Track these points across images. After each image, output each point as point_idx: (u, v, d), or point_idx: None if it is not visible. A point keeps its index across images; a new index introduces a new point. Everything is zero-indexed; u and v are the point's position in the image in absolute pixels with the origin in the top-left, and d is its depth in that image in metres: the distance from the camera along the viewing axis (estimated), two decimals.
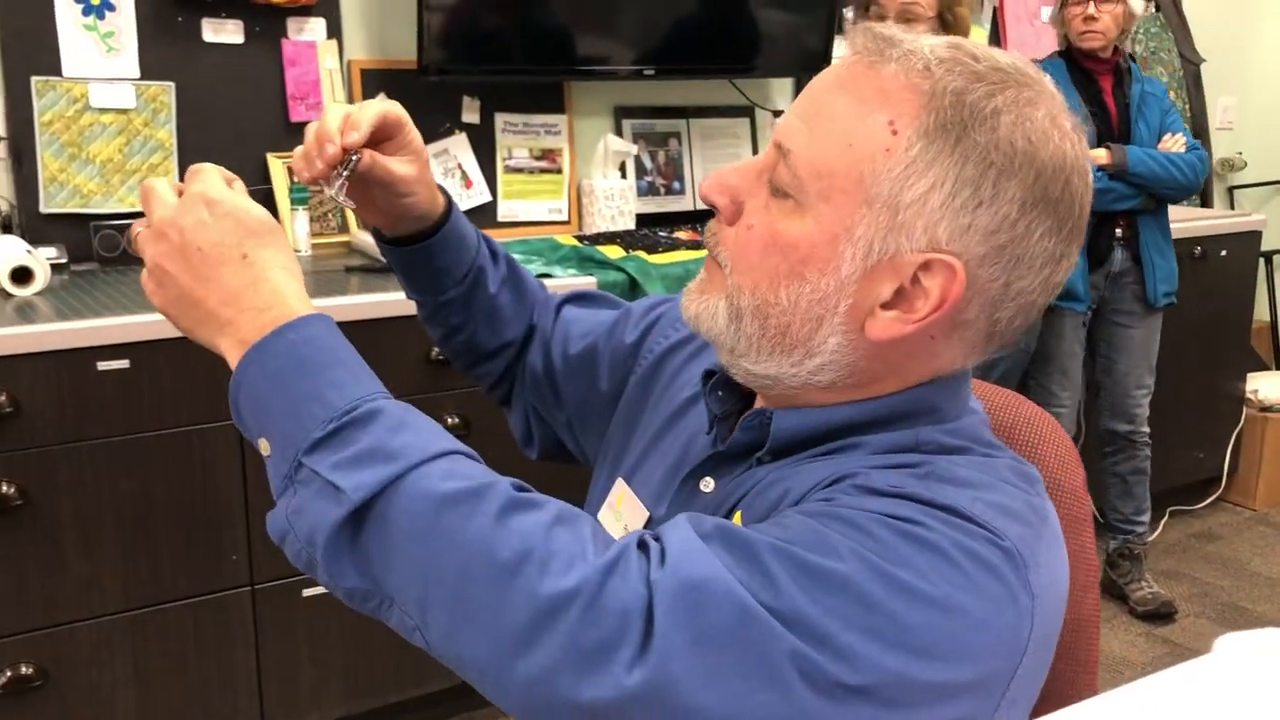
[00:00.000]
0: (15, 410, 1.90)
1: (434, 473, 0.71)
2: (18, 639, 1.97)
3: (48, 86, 2.42)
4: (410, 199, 1.00)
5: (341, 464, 0.71)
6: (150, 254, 0.80)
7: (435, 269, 1.07)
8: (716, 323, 0.83)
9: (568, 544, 0.68)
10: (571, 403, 1.13)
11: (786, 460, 0.84)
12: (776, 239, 0.79)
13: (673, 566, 0.67)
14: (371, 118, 0.94)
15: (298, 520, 0.73)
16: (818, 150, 0.78)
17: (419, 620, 0.70)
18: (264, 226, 0.79)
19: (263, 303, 0.77)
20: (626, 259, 2.53)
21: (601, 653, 0.65)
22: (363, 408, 0.73)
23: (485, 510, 0.69)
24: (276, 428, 0.74)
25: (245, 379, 0.76)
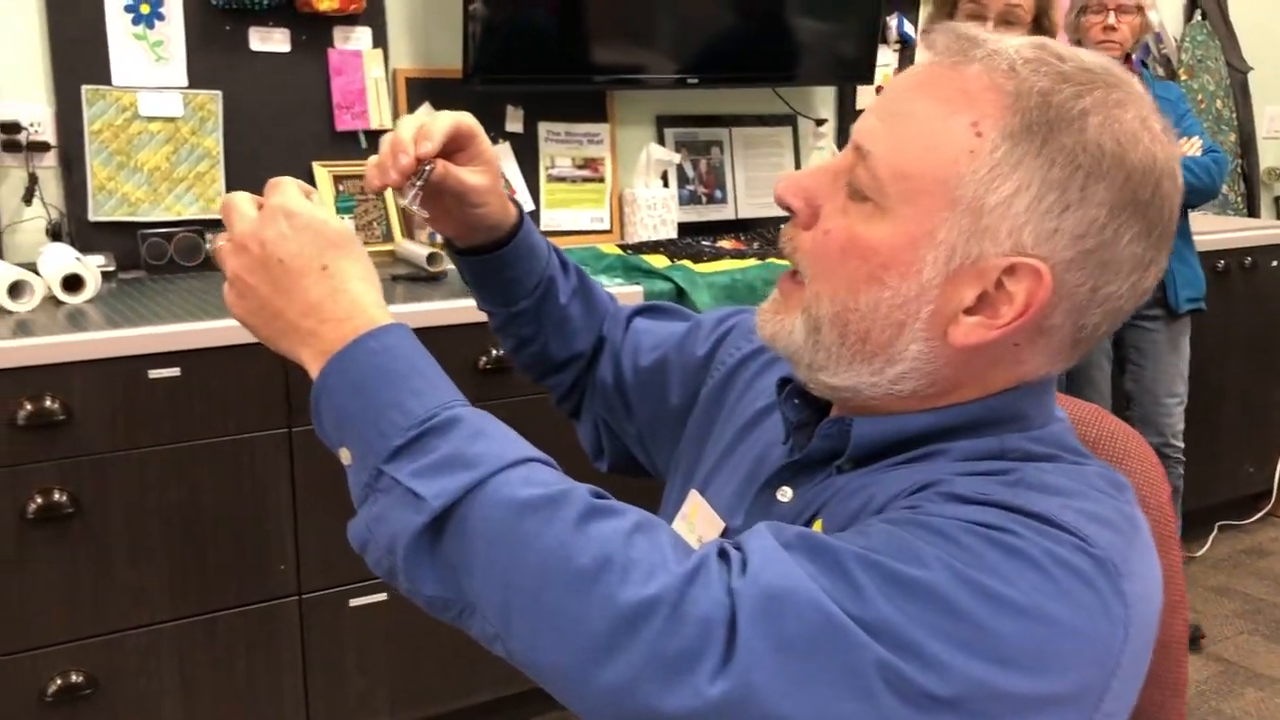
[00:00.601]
0: (68, 418, 1.90)
1: (513, 479, 0.71)
2: (68, 646, 1.97)
3: (98, 95, 2.43)
4: (482, 209, 1.00)
5: (421, 471, 0.71)
6: (231, 266, 0.81)
7: (507, 279, 1.07)
8: (794, 339, 0.82)
9: (647, 552, 0.67)
10: (642, 415, 1.12)
11: (867, 468, 0.83)
12: (855, 243, 0.78)
13: (754, 575, 0.66)
14: (445, 128, 0.94)
15: (378, 528, 0.73)
16: (899, 152, 0.76)
17: (500, 628, 0.70)
18: (342, 237, 0.80)
19: (343, 313, 0.77)
20: (672, 268, 2.52)
21: (684, 662, 0.64)
22: (442, 415, 0.73)
23: (564, 517, 0.68)
24: (357, 436, 0.74)
25: (326, 389, 0.76)
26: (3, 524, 1.89)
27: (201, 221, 2.54)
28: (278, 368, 2.06)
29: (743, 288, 2.48)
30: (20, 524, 1.90)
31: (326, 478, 2.14)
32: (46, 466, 1.91)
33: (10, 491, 1.89)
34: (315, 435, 2.20)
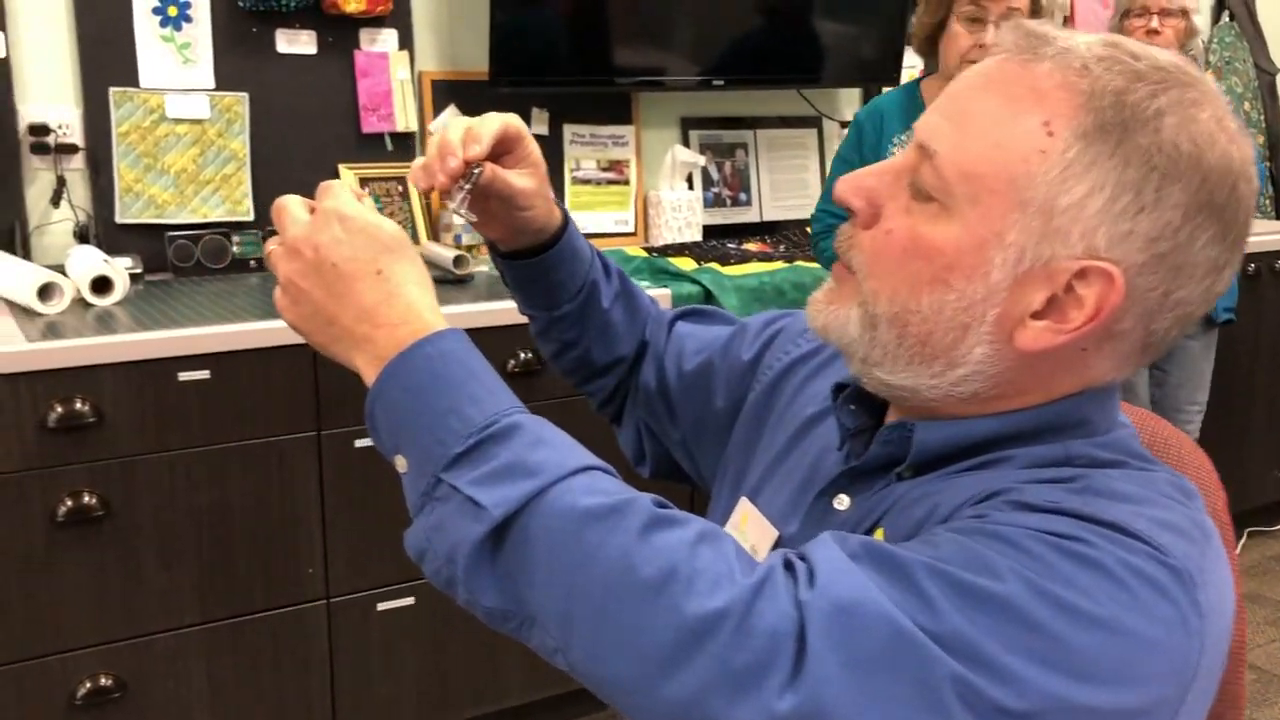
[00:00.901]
0: (99, 420, 1.90)
1: (575, 488, 0.69)
2: (98, 650, 1.97)
3: (125, 97, 2.43)
4: (529, 212, 0.98)
5: (481, 480, 0.70)
6: (284, 271, 0.79)
7: (550, 283, 1.05)
8: (848, 331, 0.81)
9: (712, 562, 0.66)
10: (686, 420, 1.10)
11: (929, 475, 0.81)
12: (919, 243, 0.76)
13: (823, 587, 0.65)
14: (493, 131, 0.92)
15: (437, 537, 0.71)
16: (966, 151, 0.75)
17: (561, 641, 0.68)
18: (396, 241, 0.78)
19: (397, 318, 0.75)
20: (700, 271, 2.50)
21: (752, 676, 0.63)
22: (501, 423, 0.72)
23: (628, 526, 0.67)
24: (414, 444, 0.73)
25: (382, 395, 0.75)
26: (33, 526, 1.89)
27: (228, 224, 2.53)
28: (307, 371, 2.05)
29: (771, 291, 2.46)
30: (50, 527, 1.89)
31: (355, 481, 2.13)
32: (77, 469, 1.90)
33: (41, 494, 1.88)
34: (344, 438, 2.19)
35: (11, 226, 2.33)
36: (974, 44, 2.23)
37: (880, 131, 2.35)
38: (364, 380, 0.76)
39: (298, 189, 2.63)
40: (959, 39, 2.26)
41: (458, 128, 0.92)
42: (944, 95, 0.80)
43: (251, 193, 2.56)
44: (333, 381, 2.08)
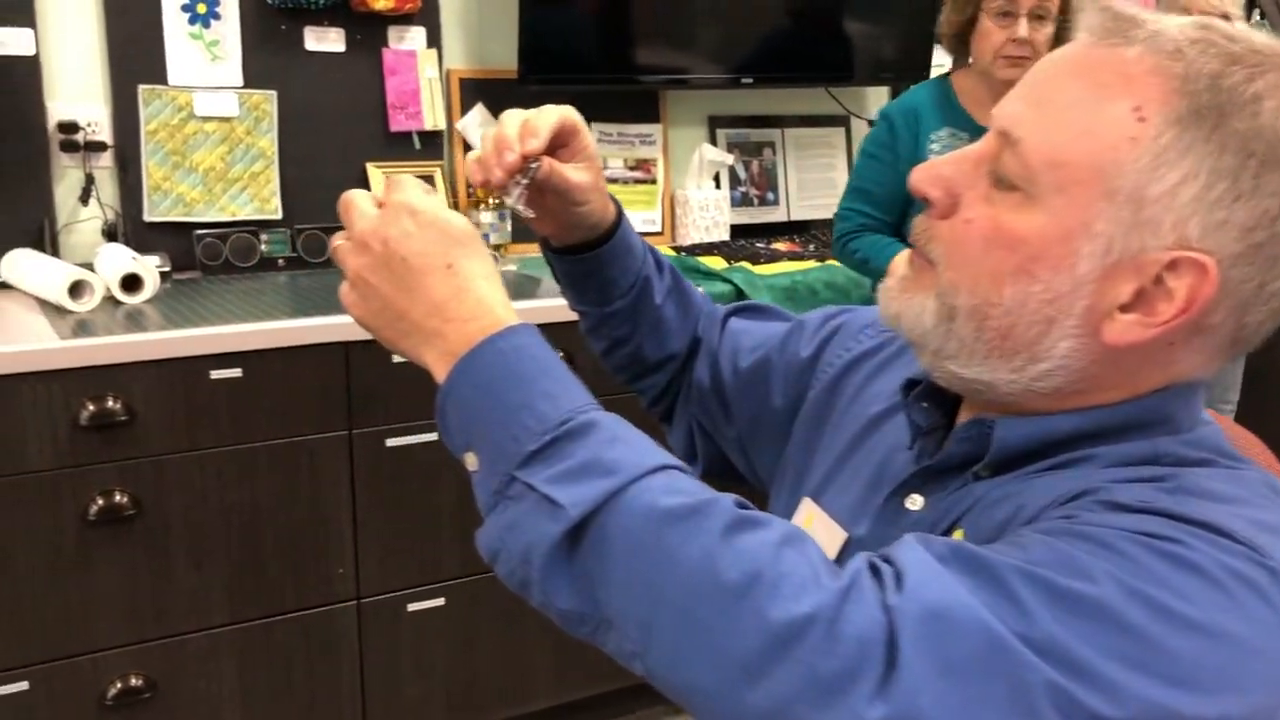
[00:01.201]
0: (130, 418, 1.88)
1: (654, 487, 0.67)
2: (128, 649, 1.95)
3: (154, 95, 2.42)
4: (585, 207, 0.96)
5: (558, 478, 0.67)
6: (352, 266, 0.77)
7: (603, 279, 1.03)
8: (921, 322, 0.78)
9: (797, 566, 0.63)
10: (742, 419, 1.08)
11: (1008, 474, 0.78)
12: (1001, 233, 0.74)
13: (912, 591, 0.62)
14: (551, 124, 0.90)
15: (511, 537, 0.69)
16: (1051, 139, 0.72)
17: (639, 646, 0.66)
18: (467, 235, 0.76)
19: (468, 312, 0.74)
20: (731, 270, 2.48)
21: (840, 683, 0.60)
22: (577, 419, 0.70)
23: (709, 528, 0.65)
24: (486, 441, 0.71)
25: (453, 390, 0.73)
26: (64, 525, 1.87)
27: (256, 222, 2.52)
28: (339, 369, 2.04)
29: (804, 290, 2.44)
30: (82, 525, 1.88)
31: (386, 481, 2.12)
32: (108, 468, 1.89)
33: (72, 493, 1.87)
34: (375, 438, 2.18)
35: (40, 224, 2.32)
36: (1007, 38, 2.21)
37: (916, 127, 2.32)
38: (434, 376, 0.74)
39: (326, 188, 2.63)
40: (991, 35, 2.23)
41: (514, 121, 0.90)
42: (1025, 81, 0.77)
43: (279, 191, 2.54)
44: (364, 380, 2.06)
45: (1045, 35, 2.22)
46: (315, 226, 2.55)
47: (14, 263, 2.20)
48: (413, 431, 2.11)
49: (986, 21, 2.24)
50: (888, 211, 2.33)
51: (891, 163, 2.31)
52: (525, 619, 2.30)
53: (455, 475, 2.16)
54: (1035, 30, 2.21)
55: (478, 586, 2.24)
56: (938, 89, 2.38)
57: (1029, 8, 2.20)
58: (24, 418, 1.81)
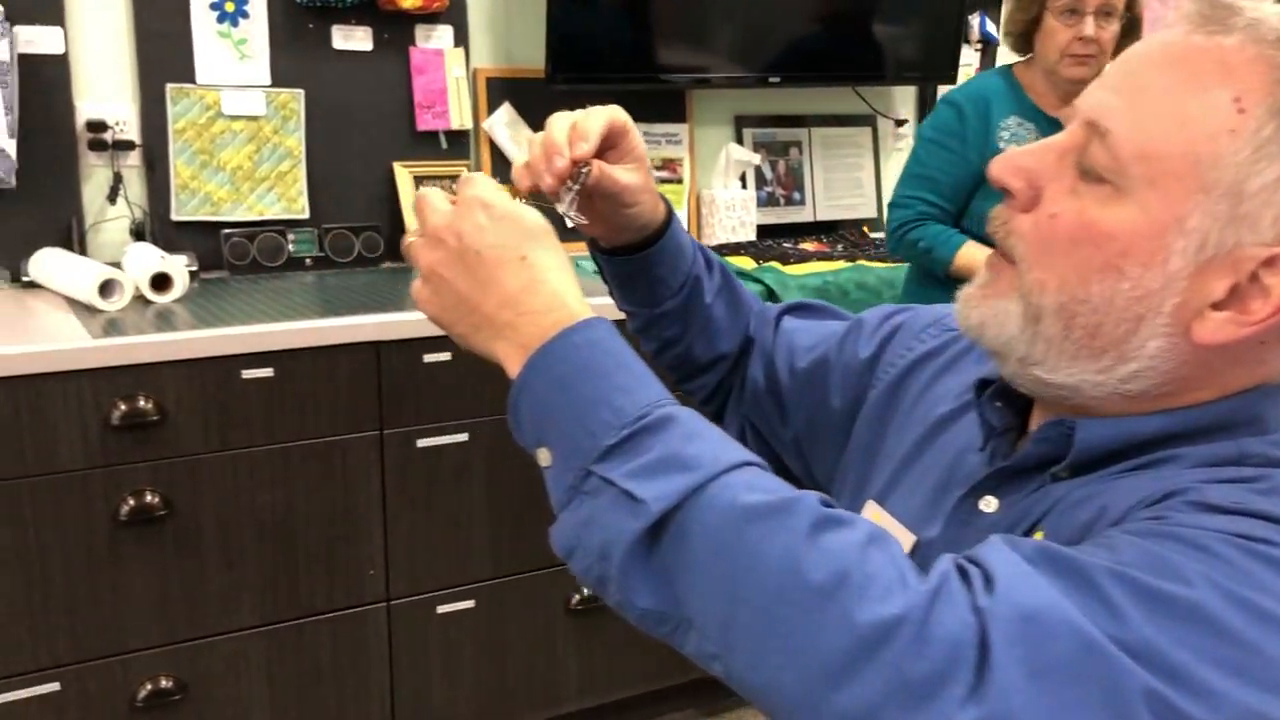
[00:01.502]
0: (161, 418, 1.87)
1: (735, 484, 0.65)
2: (159, 651, 1.94)
3: (182, 93, 2.41)
4: (635, 208, 0.94)
5: (637, 472, 0.66)
6: (425, 261, 0.76)
7: (653, 279, 1.01)
8: (1006, 328, 0.76)
9: (884, 566, 0.62)
10: (799, 420, 1.05)
11: (1088, 476, 0.76)
12: (1089, 228, 0.72)
13: (1004, 593, 0.60)
14: (600, 127, 0.87)
15: (588, 533, 0.68)
16: (1143, 130, 0.70)
17: (720, 647, 0.64)
18: (540, 228, 0.75)
19: (542, 305, 0.73)
20: (762, 270, 2.46)
21: (930, 687, 0.58)
22: (655, 414, 0.68)
23: (794, 526, 0.63)
24: (561, 435, 0.70)
25: (528, 385, 0.72)
26: (96, 526, 1.86)
27: (283, 221, 2.51)
28: (370, 369, 2.02)
29: (835, 290, 2.42)
30: (113, 526, 1.87)
31: (416, 482, 2.10)
32: (140, 468, 1.88)
33: (103, 493, 1.86)
34: (406, 438, 2.16)
35: (69, 223, 2.31)
36: (1073, 37, 2.19)
37: (986, 115, 2.29)
38: (506, 370, 0.73)
39: (352, 187, 2.62)
40: (1057, 34, 2.21)
41: (562, 124, 0.87)
42: (1115, 70, 0.75)
43: (307, 190, 2.53)
44: (395, 380, 2.05)
45: (1112, 33, 2.21)
46: (342, 226, 2.53)
47: (43, 262, 2.19)
48: (444, 432, 2.10)
49: (1051, 20, 2.22)
50: (950, 200, 2.29)
51: (959, 149, 2.28)
52: (555, 622, 2.29)
53: (485, 476, 2.15)
54: (1101, 28, 2.19)
55: (507, 589, 2.22)
56: (1004, 78, 2.35)
57: (1095, 5, 2.18)
58: (56, 417, 1.80)
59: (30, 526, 1.81)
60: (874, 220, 3.28)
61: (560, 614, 2.29)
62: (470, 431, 2.12)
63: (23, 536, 1.81)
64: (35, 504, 1.81)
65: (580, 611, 2.29)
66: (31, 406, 1.78)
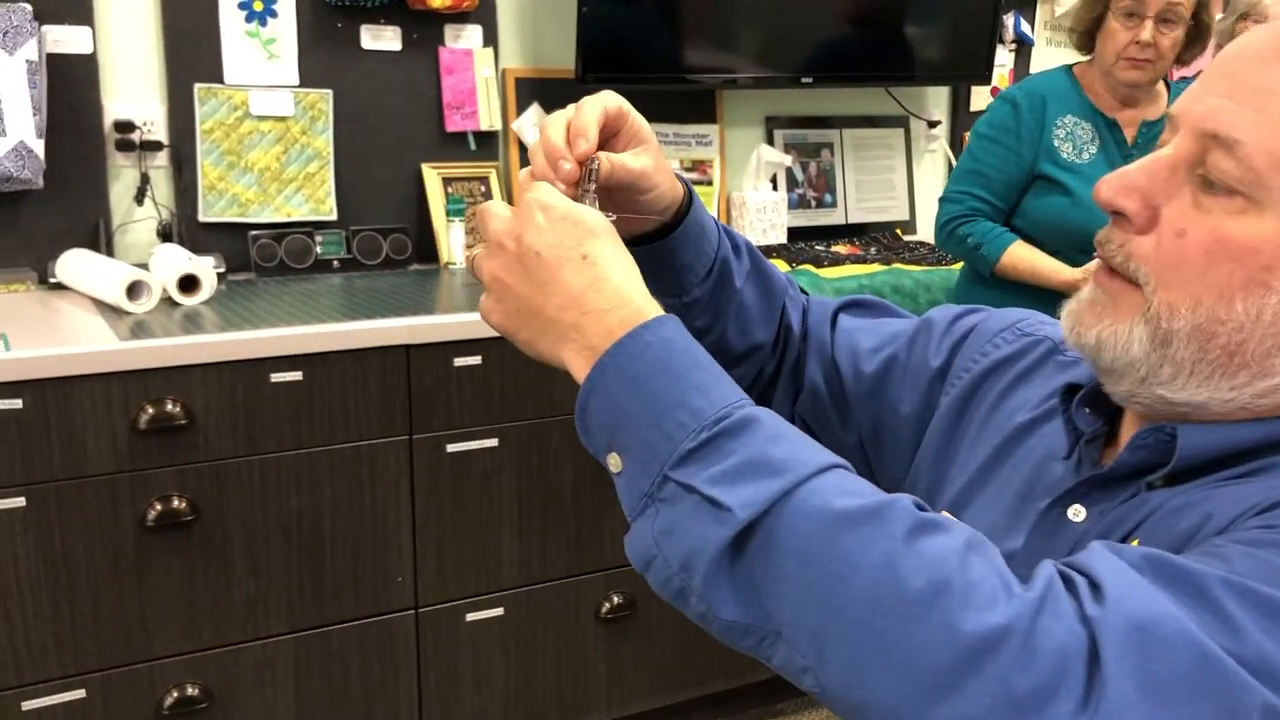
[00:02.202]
0: (189, 422, 1.85)
1: (825, 488, 0.62)
2: (186, 658, 1.92)
3: (210, 94, 2.39)
4: (653, 193, 0.88)
5: (720, 478, 0.63)
6: (488, 269, 0.74)
7: (678, 266, 0.94)
8: (1129, 351, 0.72)
9: (986, 574, 0.59)
10: (864, 425, 1.01)
11: (1186, 484, 0.73)
12: (1226, 244, 0.68)
13: (1114, 603, 0.57)
14: (596, 118, 0.82)
15: (668, 543, 0.64)
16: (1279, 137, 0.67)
17: (813, 658, 0.61)
18: (601, 226, 0.73)
19: (606, 302, 0.70)
20: (796, 273, 2.42)
21: (1038, 700, 0.56)
22: (736, 414, 0.65)
23: (890, 532, 0.60)
24: (635, 439, 0.66)
25: (597, 387, 0.68)
26: (122, 531, 1.84)
27: (311, 223, 2.49)
28: (400, 373, 1.99)
29: (870, 294, 2.37)
30: (139, 531, 1.85)
31: (445, 488, 2.07)
32: (167, 472, 1.85)
33: (130, 497, 1.83)
34: (435, 443, 2.11)
35: (96, 224, 2.29)
36: (1131, 40, 2.16)
37: (1042, 112, 2.26)
38: (573, 374, 0.70)
39: (380, 188, 2.60)
40: (1116, 35, 2.19)
41: (557, 126, 0.82)
42: (1219, 76, 0.71)
43: (334, 191, 2.51)
44: (425, 384, 2.02)
45: (1173, 39, 2.17)
46: (370, 227, 2.51)
47: (70, 263, 2.17)
48: (474, 437, 2.07)
49: (1113, 21, 2.20)
50: (1002, 197, 2.27)
51: (1013, 146, 2.26)
52: (584, 630, 2.25)
53: (515, 482, 2.12)
54: (1161, 34, 2.16)
55: (537, 596, 2.19)
56: (1064, 77, 2.32)
57: (1156, 10, 2.15)
58: (83, 421, 1.78)
59: (56, 531, 1.79)
60: (906, 223, 3.23)
61: (590, 622, 2.25)
62: (500, 437, 2.09)
63: (49, 541, 1.79)
64: (62, 508, 1.79)
65: (610, 620, 2.26)
66: (59, 410, 1.76)
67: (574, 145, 0.81)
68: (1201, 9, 2.19)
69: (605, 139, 0.84)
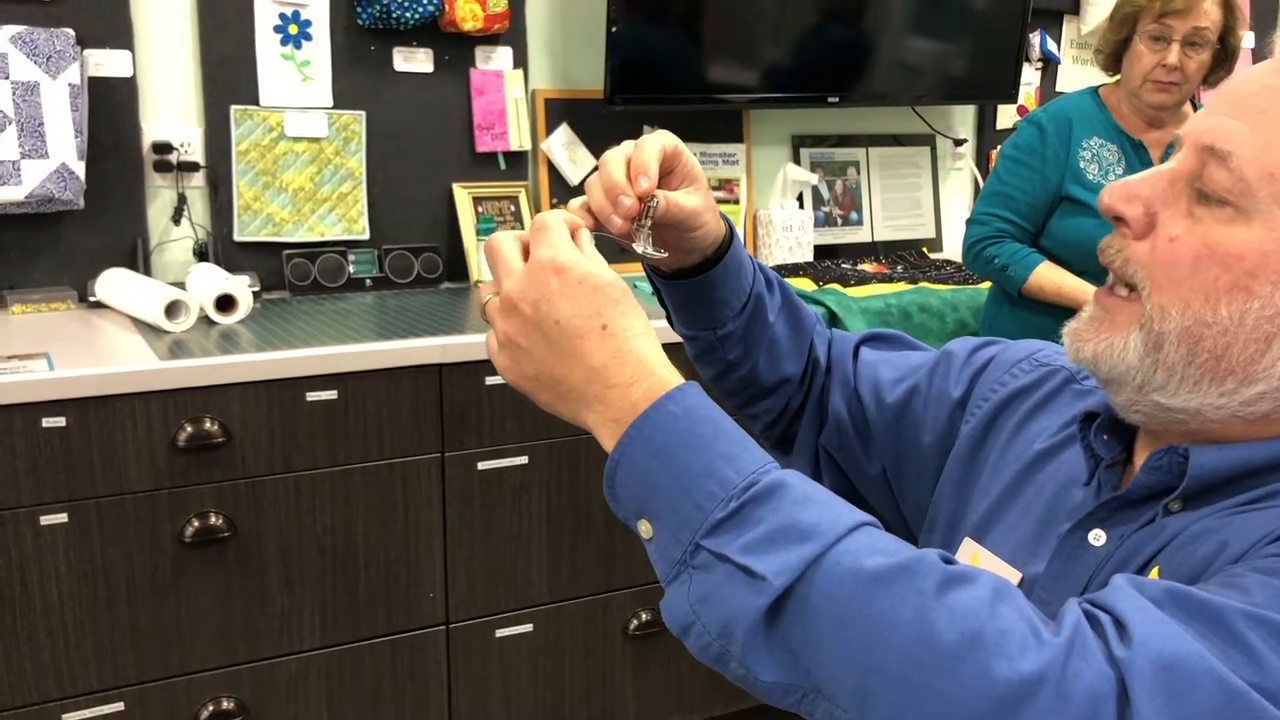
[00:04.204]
0: (227, 439, 1.88)
1: (856, 549, 0.63)
2: (221, 672, 1.94)
3: (245, 115, 2.43)
4: (701, 231, 0.91)
5: (752, 546, 0.64)
6: (501, 329, 0.74)
7: (715, 300, 0.98)
8: (1125, 359, 0.75)
9: (1015, 621, 0.60)
10: (888, 455, 1.03)
11: (1204, 509, 0.74)
12: (1214, 250, 0.71)
13: (1141, 643, 0.59)
14: (656, 156, 0.85)
15: (706, 611, 0.66)
16: (1271, 151, 0.69)
17: (854, 714, 0.63)
18: (618, 291, 0.73)
19: (629, 376, 0.71)
20: (823, 291, 2.43)
21: None
22: (763, 481, 0.66)
23: (920, 588, 0.61)
24: (665, 508, 0.68)
25: (625, 458, 0.70)
26: (161, 547, 1.87)
27: (344, 242, 2.52)
28: (433, 391, 2.02)
29: (897, 313, 2.39)
30: (178, 547, 1.88)
31: (476, 505, 2.09)
32: (205, 489, 1.88)
33: (169, 514, 1.87)
34: (467, 460, 2.13)
35: (134, 243, 2.34)
36: (1157, 63, 2.18)
37: (1068, 134, 2.28)
38: (599, 441, 0.72)
39: (412, 208, 2.62)
40: (1143, 58, 2.20)
41: (618, 162, 0.84)
42: (1223, 96, 0.74)
43: (367, 211, 2.54)
44: (457, 402, 2.04)
45: (1199, 63, 2.18)
46: (402, 246, 2.54)
47: (109, 282, 2.22)
48: (504, 455, 2.09)
49: (1140, 44, 2.21)
50: (1028, 219, 2.29)
51: (1038, 167, 2.27)
52: (613, 646, 2.27)
53: (545, 500, 2.14)
54: (1188, 57, 2.17)
55: (566, 613, 2.21)
56: (1090, 99, 2.34)
57: (1183, 33, 2.16)
58: (124, 439, 1.81)
59: (97, 546, 1.83)
60: (933, 241, 3.24)
61: (618, 639, 2.27)
62: (530, 455, 2.11)
63: (90, 556, 1.82)
64: (102, 524, 1.82)
65: (638, 637, 2.27)
66: (101, 428, 1.79)
67: (635, 182, 0.83)
68: (1228, 32, 2.19)
69: (661, 177, 0.86)
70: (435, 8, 2.47)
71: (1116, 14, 2.28)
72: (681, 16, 2.68)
